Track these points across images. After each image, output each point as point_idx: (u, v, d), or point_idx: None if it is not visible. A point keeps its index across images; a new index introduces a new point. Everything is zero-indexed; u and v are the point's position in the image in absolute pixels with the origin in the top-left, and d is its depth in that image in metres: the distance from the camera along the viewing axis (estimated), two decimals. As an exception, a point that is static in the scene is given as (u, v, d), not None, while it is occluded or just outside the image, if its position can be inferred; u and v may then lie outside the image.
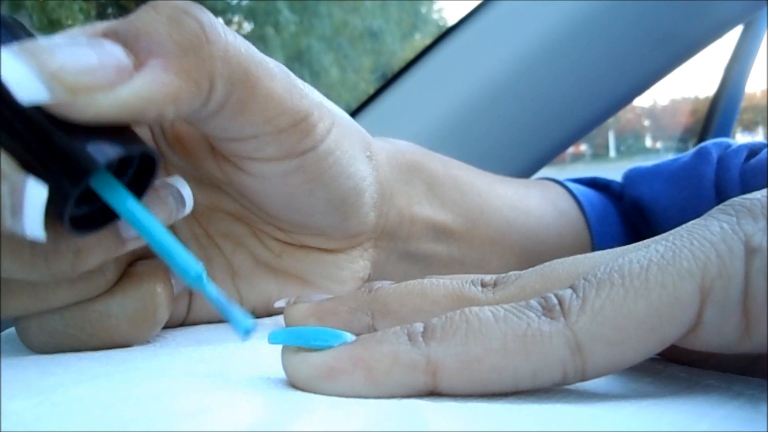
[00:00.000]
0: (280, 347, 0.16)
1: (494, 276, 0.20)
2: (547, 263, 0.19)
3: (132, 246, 0.20)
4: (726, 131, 0.97)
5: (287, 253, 0.26)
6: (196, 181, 0.24)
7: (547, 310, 0.15)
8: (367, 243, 0.28)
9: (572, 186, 0.39)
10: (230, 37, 0.19)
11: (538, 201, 0.36)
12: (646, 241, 0.17)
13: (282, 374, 0.16)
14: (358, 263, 0.28)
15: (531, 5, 0.57)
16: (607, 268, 0.15)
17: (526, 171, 0.59)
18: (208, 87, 0.18)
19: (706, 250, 0.14)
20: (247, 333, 0.16)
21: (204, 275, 0.17)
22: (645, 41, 0.57)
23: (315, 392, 0.15)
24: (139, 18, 0.18)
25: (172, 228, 0.24)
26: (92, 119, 0.16)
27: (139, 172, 0.19)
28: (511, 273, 0.19)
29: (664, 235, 0.17)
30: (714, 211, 0.16)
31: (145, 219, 0.17)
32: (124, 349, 0.21)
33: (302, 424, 0.13)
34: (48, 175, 0.16)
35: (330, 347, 0.15)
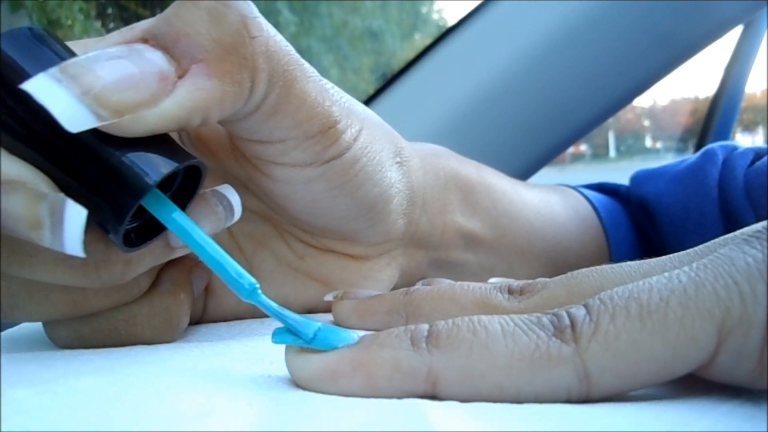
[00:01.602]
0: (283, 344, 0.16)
1: (521, 282, 0.20)
2: (573, 273, 0.19)
3: (179, 253, 0.20)
4: (726, 131, 0.97)
5: (310, 255, 0.26)
6: (221, 179, 0.24)
7: (558, 331, 0.14)
8: (395, 251, 0.28)
9: (586, 192, 0.40)
10: (271, 32, 0.19)
11: (560, 208, 0.36)
12: (669, 260, 0.17)
13: (284, 371, 0.16)
14: (384, 272, 0.27)
15: (531, 5, 0.57)
16: (626, 293, 0.14)
17: (526, 171, 0.59)
18: (249, 87, 0.18)
19: (729, 290, 0.14)
20: (311, 341, 0.16)
21: (258, 288, 0.16)
22: (645, 41, 0.57)
23: (317, 392, 0.15)
24: (178, 16, 0.17)
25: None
26: (139, 134, 0.16)
27: (185, 181, 0.19)
28: (538, 280, 0.20)
29: (689, 254, 0.16)
30: (740, 238, 0.15)
31: (196, 234, 0.17)
32: (126, 345, 0.21)
33: (304, 425, 0.13)
34: (99, 196, 0.16)
35: (333, 348, 0.15)
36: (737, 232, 0.17)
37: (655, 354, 0.14)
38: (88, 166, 0.16)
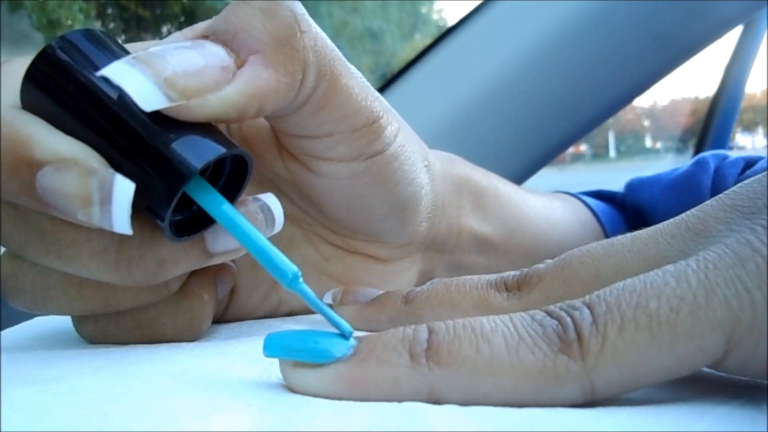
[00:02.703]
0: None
1: (516, 276, 0.20)
2: (566, 259, 0.19)
3: (217, 260, 0.20)
4: (726, 131, 0.97)
5: (336, 257, 0.27)
6: (255, 182, 0.25)
7: (565, 345, 0.14)
8: (416, 254, 0.28)
9: (584, 198, 0.41)
10: (317, 28, 0.20)
11: (563, 212, 0.37)
12: (661, 234, 0.17)
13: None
14: (405, 275, 0.28)
15: (531, 5, 0.57)
16: (633, 299, 0.14)
17: (526, 171, 0.59)
18: (300, 78, 0.19)
19: (740, 298, 0.13)
20: (348, 335, 0.16)
21: (300, 277, 0.17)
22: (645, 41, 0.57)
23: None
24: (234, 14, 0.18)
25: None
26: (203, 119, 0.17)
27: (233, 177, 0.19)
28: (533, 271, 0.20)
29: (678, 226, 0.16)
30: (745, 227, 0.15)
31: (239, 221, 0.17)
32: (127, 345, 0.21)
33: (304, 426, 0.13)
34: (148, 178, 0.16)
35: (329, 361, 0.15)
36: (729, 195, 0.16)
37: (662, 364, 0.13)
38: (144, 148, 0.16)
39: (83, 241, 0.18)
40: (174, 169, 0.16)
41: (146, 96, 0.16)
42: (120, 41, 0.18)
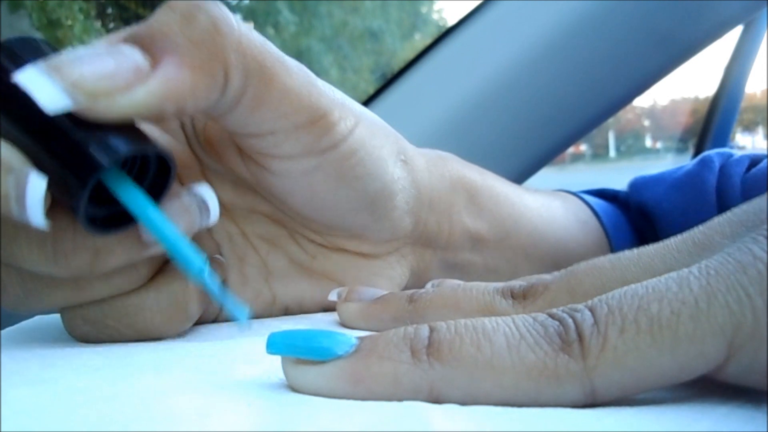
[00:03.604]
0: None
1: (522, 285, 0.20)
2: (573, 270, 0.19)
3: (152, 251, 0.20)
4: (726, 131, 0.97)
5: (322, 255, 0.27)
6: (234, 183, 0.25)
7: (566, 344, 0.14)
8: (404, 249, 0.28)
9: (586, 197, 0.40)
10: (244, 30, 0.20)
11: (562, 212, 0.36)
12: (667, 249, 0.17)
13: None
14: (395, 269, 0.28)
15: (531, 5, 0.57)
16: (635, 302, 0.14)
17: (525, 171, 0.59)
18: (222, 79, 0.19)
19: (742, 304, 0.13)
20: (243, 323, 0.17)
21: (206, 270, 0.18)
22: (645, 41, 0.57)
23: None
24: (156, 19, 0.19)
25: (209, 230, 0.25)
26: (114, 119, 0.18)
27: (159, 179, 0.20)
28: (539, 281, 0.20)
29: (685, 241, 0.17)
30: (747, 237, 0.15)
31: (152, 214, 0.18)
32: (126, 344, 0.21)
33: (304, 426, 0.13)
34: (64, 172, 0.17)
35: (332, 355, 0.15)
36: (736, 213, 0.16)
37: (663, 368, 0.13)
38: (61, 146, 0.17)
39: (22, 234, 0.19)
40: (85, 165, 0.17)
41: (50, 99, 0.17)
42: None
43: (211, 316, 0.25)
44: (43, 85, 0.17)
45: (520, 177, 0.59)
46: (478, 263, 0.31)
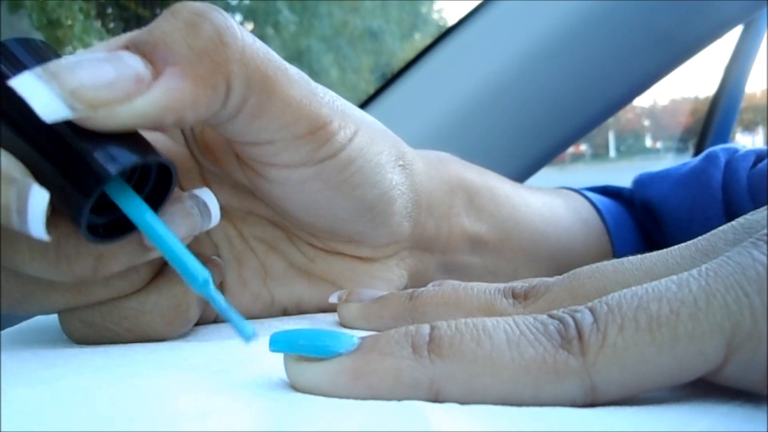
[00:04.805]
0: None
1: (524, 285, 0.20)
2: (575, 273, 0.19)
3: (154, 255, 0.20)
4: (726, 131, 0.97)
5: (321, 258, 0.27)
6: (232, 186, 0.25)
7: (565, 341, 0.14)
8: (403, 252, 0.28)
9: (589, 195, 0.40)
10: (248, 40, 0.19)
11: (564, 211, 0.36)
12: (670, 255, 0.17)
13: (283, 370, 0.16)
14: (393, 272, 0.28)
15: (531, 5, 0.57)
16: (634, 301, 0.14)
17: (525, 171, 0.59)
18: (224, 90, 0.19)
19: (740, 303, 0.13)
20: (248, 339, 0.17)
21: (210, 282, 0.17)
22: (645, 41, 0.57)
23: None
24: (158, 26, 0.19)
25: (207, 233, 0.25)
26: (114, 129, 0.17)
27: (160, 184, 0.20)
28: (541, 282, 0.20)
29: (689, 248, 0.16)
30: (747, 240, 0.15)
31: (156, 225, 0.18)
32: (126, 344, 0.21)
33: (304, 425, 0.13)
34: (66, 183, 0.17)
35: (333, 354, 0.15)
36: (740, 222, 0.17)
37: (663, 367, 0.13)
38: (62, 156, 0.17)
39: (24, 239, 0.18)
40: (87, 178, 0.17)
41: (47, 107, 0.16)
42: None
43: (211, 317, 0.25)
44: (40, 93, 0.16)
45: (520, 177, 0.59)
46: (477, 265, 0.31)
